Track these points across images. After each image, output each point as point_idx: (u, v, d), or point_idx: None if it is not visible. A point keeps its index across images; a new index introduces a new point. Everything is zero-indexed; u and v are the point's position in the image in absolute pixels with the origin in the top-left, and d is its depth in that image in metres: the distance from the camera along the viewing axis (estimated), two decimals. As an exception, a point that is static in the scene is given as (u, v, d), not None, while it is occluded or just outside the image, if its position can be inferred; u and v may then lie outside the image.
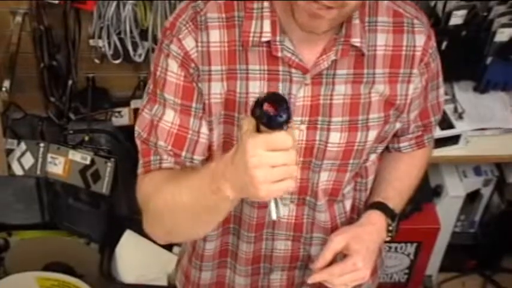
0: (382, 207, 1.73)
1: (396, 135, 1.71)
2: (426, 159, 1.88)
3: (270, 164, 1.23)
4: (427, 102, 1.69)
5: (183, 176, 1.47)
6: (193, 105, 1.51)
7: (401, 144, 1.77)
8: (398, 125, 1.62)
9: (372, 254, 1.68)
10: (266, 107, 1.23)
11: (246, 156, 1.23)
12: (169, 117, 1.52)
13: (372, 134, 1.56)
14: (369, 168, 1.68)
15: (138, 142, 1.58)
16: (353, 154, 1.58)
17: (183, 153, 1.54)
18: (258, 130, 1.26)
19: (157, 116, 1.53)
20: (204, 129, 1.53)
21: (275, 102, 1.23)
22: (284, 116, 1.23)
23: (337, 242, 1.65)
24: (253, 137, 1.23)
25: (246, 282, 1.80)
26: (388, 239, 1.76)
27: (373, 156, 1.65)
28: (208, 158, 1.60)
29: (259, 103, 1.23)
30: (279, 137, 1.23)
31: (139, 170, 1.58)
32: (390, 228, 1.74)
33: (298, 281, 1.80)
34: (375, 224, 1.72)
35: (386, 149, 1.74)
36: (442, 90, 1.72)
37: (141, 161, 1.58)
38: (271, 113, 1.22)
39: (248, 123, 1.25)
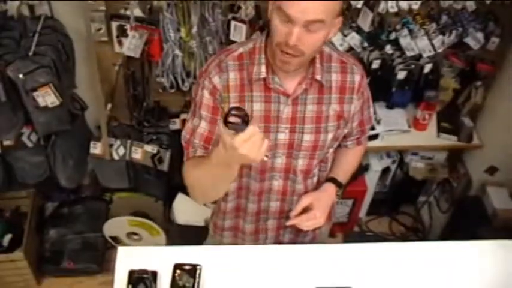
0: (333, 180, 1.78)
1: (345, 137, 1.75)
2: (362, 152, 1.90)
3: (246, 146, 1.26)
4: (363, 116, 1.73)
5: (204, 161, 1.50)
6: (218, 117, 1.57)
7: (348, 143, 1.81)
8: (345, 130, 1.70)
9: (326, 209, 1.72)
10: (231, 118, 1.26)
11: (234, 148, 1.27)
12: (203, 125, 1.57)
13: (330, 136, 1.63)
14: (328, 157, 1.76)
15: (183, 143, 1.64)
16: (318, 148, 1.64)
17: (210, 147, 1.58)
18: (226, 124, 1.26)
19: (195, 124, 1.59)
20: None
21: (236, 114, 1.27)
22: (241, 124, 1.25)
23: (305, 201, 1.70)
24: (232, 138, 1.26)
25: (252, 227, 1.83)
26: (336, 199, 1.79)
27: (331, 150, 1.73)
28: None
29: (228, 115, 1.26)
30: (244, 136, 1.25)
31: (184, 158, 1.64)
32: (338, 193, 1.77)
33: (284, 225, 1.82)
34: (328, 191, 1.75)
35: (339, 146, 1.77)
36: (371, 110, 1.76)
37: (185, 153, 1.64)
38: (234, 121, 1.26)
39: (225, 130, 1.28)
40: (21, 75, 2.10)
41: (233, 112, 1.27)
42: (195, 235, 2.28)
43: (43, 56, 2.15)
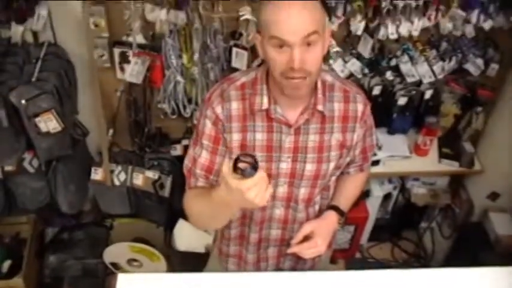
0: (335, 208, 1.75)
1: (347, 164, 1.73)
2: (365, 179, 1.88)
3: (254, 190, 1.25)
4: (366, 144, 1.71)
5: (205, 196, 1.48)
6: (220, 147, 1.57)
7: (350, 170, 1.80)
8: (348, 159, 1.68)
9: (327, 237, 1.70)
10: (240, 165, 1.25)
11: (241, 192, 1.25)
12: (204, 154, 1.58)
13: (332, 165, 1.62)
14: (330, 185, 1.74)
15: (185, 171, 1.65)
16: (320, 177, 1.63)
17: (211, 177, 1.59)
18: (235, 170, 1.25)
19: (197, 154, 1.59)
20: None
21: (245, 160, 1.25)
22: (250, 170, 1.24)
23: (307, 228, 1.67)
24: (240, 183, 1.24)
25: (254, 255, 1.82)
26: (338, 227, 1.76)
27: (333, 178, 1.72)
28: None
29: (236, 161, 1.25)
30: (252, 181, 1.24)
31: (186, 187, 1.64)
32: (340, 221, 1.74)
33: (284, 252, 1.80)
34: (330, 219, 1.73)
35: (341, 173, 1.76)
36: (374, 137, 1.75)
37: (186, 182, 1.64)
38: (244, 168, 1.24)
39: (229, 171, 1.26)
40: (23, 101, 2.10)
41: (242, 158, 1.26)
42: (195, 262, 2.26)
43: (46, 82, 2.16)
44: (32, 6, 2.13)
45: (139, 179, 2.58)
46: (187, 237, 2.75)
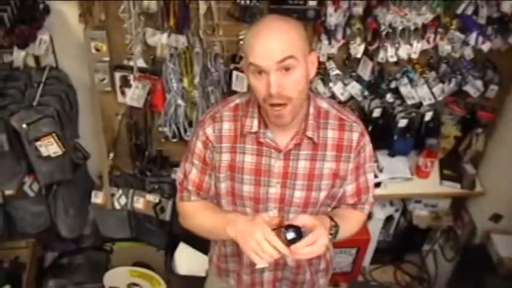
0: (329, 216, 1.55)
1: (339, 202, 1.66)
2: (360, 220, 1.71)
3: (260, 244, 1.34)
4: (360, 183, 1.64)
5: (212, 212, 1.59)
6: (208, 168, 1.61)
7: (342, 206, 1.69)
8: (342, 190, 1.62)
9: (327, 230, 1.46)
10: (291, 232, 1.37)
11: (257, 230, 1.35)
12: (194, 172, 1.62)
13: (323, 194, 1.58)
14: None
15: (177, 183, 1.68)
16: (310, 205, 1.60)
17: (202, 193, 1.64)
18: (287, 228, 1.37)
19: (187, 170, 1.63)
20: (214, 183, 1.62)
21: (297, 232, 1.37)
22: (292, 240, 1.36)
23: (306, 217, 1.43)
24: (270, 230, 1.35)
25: (248, 277, 1.80)
26: (330, 237, 1.48)
27: (328, 209, 1.66)
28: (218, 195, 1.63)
29: (289, 227, 1.37)
30: (280, 244, 1.35)
31: (177, 199, 1.69)
32: (331, 231, 1.49)
33: (279, 276, 1.79)
34: (323, 220, 1.49)
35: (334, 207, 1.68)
36: (371, 175, 1.66)
37: (178, 194, 1.68)
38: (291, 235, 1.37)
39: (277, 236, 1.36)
40: (24, 125, 2.11)
41: (292, 230, 1.37)
42: (196, 286, 2.24)
43: (47, 106, 2.17)
44: (34, 31, 2.15)
45: (140, 203, 2.57)
46: (188, 261, 2.74)
